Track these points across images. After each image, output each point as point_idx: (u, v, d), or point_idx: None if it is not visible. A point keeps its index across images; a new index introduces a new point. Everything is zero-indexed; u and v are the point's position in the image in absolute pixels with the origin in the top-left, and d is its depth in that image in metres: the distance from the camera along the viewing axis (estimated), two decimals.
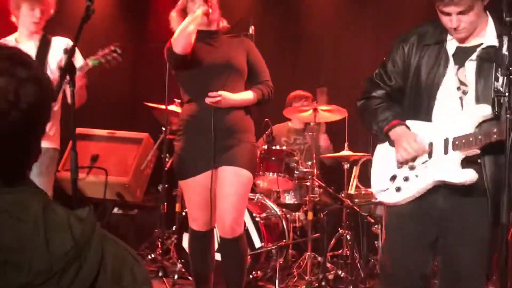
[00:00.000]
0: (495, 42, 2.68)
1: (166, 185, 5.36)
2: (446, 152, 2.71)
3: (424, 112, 2.79)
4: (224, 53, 3.73)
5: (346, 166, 5.49)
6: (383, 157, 2.92)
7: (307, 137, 6.04)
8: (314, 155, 5.32)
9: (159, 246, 5.45)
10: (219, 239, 3.93)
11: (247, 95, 3.74)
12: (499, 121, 2.59)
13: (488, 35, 2.72)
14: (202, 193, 3.73)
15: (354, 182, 5.47)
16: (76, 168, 2.76)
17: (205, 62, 3.72)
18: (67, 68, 3.02)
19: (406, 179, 2.79)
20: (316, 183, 5.34)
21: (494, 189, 2.62)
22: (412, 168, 2.79)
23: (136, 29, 7.39)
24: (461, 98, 2.72)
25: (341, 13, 7.04)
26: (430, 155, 2.76)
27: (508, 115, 2.46)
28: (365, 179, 5.22)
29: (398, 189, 2.80)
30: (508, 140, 2.42)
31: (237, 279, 3.79)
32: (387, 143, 2.90)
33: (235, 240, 3.72)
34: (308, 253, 5.11)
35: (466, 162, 2.68)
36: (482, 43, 2.72)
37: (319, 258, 5.25)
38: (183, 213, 5.01)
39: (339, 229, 5.48)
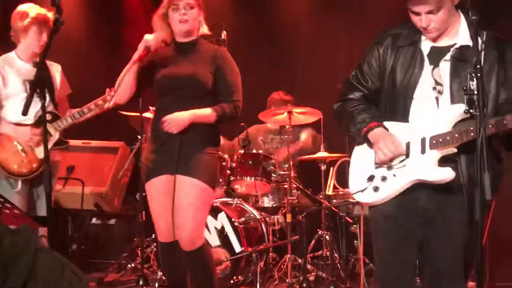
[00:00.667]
0: (469, 42, 2.71)
1: (143, 193, 5.31)
2: (423, 151, 2.73)
3: (401, 112, 2.81)
4: (189, 68, 3.71)
5: (323, 167, 5.50)
6: (361, 158, 2.93)
7: (282, 136, 6.05)
8: (291, 159, 5.33)
9: (139, 254, 5.42)
10: None
11: (204, 113, 3.68)
12: (474, 120, 2.61)
13: (461, 35, 2.75)
14: (157, 199, 3.74)
15: (331, 183, 5.50)
16: (49, 184, 2.74)
17: (170, 75, 3.74)
18: (38, 82, 3.01)
19: (384, 179, 2.81)
20: (294, 185, 5.35)
21: (470, 187, 2.65)
22: (390, 168, 2.80)
23: (109, 35, 7.36)
24: (437, 98, 2.75)
25: (315, 15, 7.06)
26: (407, 155, 2.77)
27: (478, 113, 2.48)
28: (342, 179, 5.25)
29: (376, 189, 2.82)
30: (478, 137, 2.44)
31: None
32: (365, 144, 2.91)
33: (196, 252, 3.69)
34: (288, 256, 5.12)
35: (443, 161, 2.70)
36: (455, 43, 2.75)
37: (300, 260, 5.26)
38: None
39: (318, 230, 5.50)
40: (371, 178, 2.84)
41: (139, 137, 5.38)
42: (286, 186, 5.30)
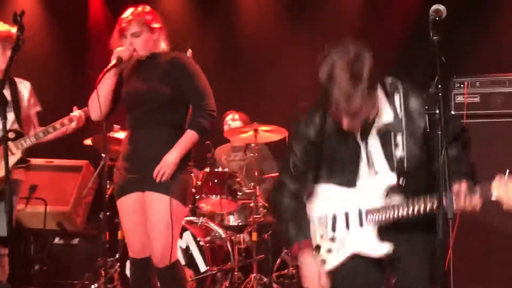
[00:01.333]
0: (390, 118, 2.72)
1: (107, 213, 5.26)
2: (361, 224, 2.76)
3: (338, 178, 2.81)
4: (145, 84, 3.70)
5: None
6: None
7: (246, 153, 6.04)
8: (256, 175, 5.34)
9: (103, 275, 5.34)
10: None
11: (186, 140, 3.68)
12: (402, 194, 2.69)
13: (382, 111, 2.73)
14: (129, 216, 3.73)
15: None
16: (10, 203, 2.70)
17: (129, 93, 3.75)
18: None
19: (329, 250, 2.82)
20: (260, 203, 5.35)
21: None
22: (333, 239, 2.82)
23: (74, 56, 7.32)
24: (369, 169, 2.76)
25: (281, 32, 7.12)
26: (347, 226, 2.80)
27: (439, 132, 2.50)
28: None
29: (323, 262, 2.83)
30: (441, 156, 2.46)
31: None
32: None
33: (167, 269, 3.67)
34: (254, 275, 5.11)
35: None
36: (377, 117, 2.73)
37: (265, 279, 5.25)
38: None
39: (283, 248, 5.49)
40: (317, 248, 2.85)
41: (103, 155, 5.33)
42: (252, 204, 5.30)
